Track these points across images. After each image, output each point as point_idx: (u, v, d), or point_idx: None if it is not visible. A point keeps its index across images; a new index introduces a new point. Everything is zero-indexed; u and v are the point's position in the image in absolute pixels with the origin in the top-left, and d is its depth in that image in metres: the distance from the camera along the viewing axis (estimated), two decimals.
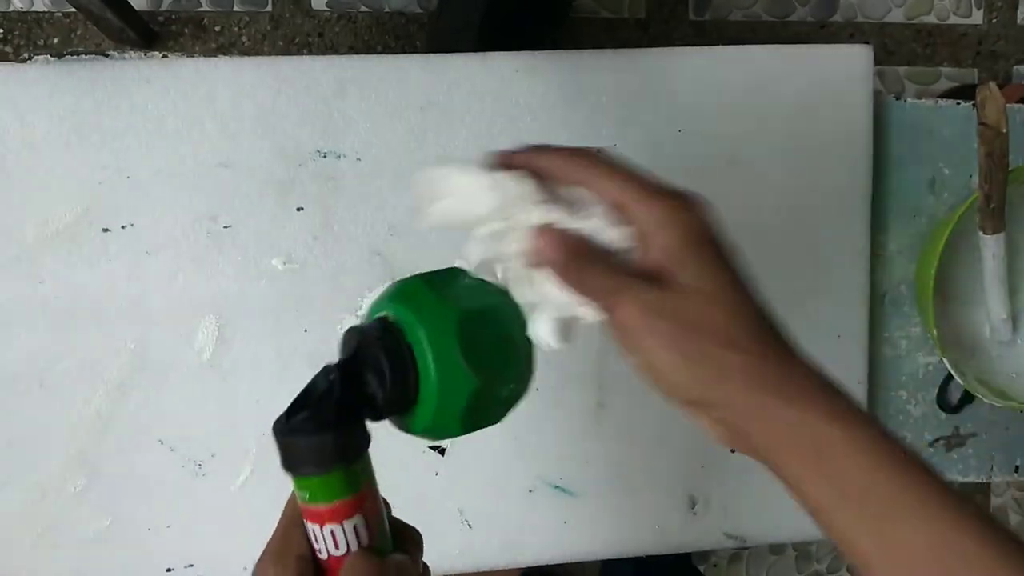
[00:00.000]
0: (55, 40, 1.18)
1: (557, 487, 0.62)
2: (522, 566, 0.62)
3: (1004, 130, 0.54)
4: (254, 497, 0.59)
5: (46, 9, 1.17)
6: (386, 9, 1.22)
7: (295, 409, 0.34)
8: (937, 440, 0.69)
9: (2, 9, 1.17)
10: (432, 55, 0.59)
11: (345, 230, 0.59)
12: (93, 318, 0.57)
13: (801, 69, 0.62)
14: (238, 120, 0.58)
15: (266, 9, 1.21)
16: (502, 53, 0.60)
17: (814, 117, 0.63)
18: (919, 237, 0.67)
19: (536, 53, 0.60)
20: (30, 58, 0.59)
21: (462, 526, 0.62)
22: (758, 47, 0.62)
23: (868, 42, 0.66)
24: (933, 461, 0.68)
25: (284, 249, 0.59)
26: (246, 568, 0.60)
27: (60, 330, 0.57)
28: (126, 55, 0.60)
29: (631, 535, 0.64)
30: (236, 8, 1.21)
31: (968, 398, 0.68)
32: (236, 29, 1.21)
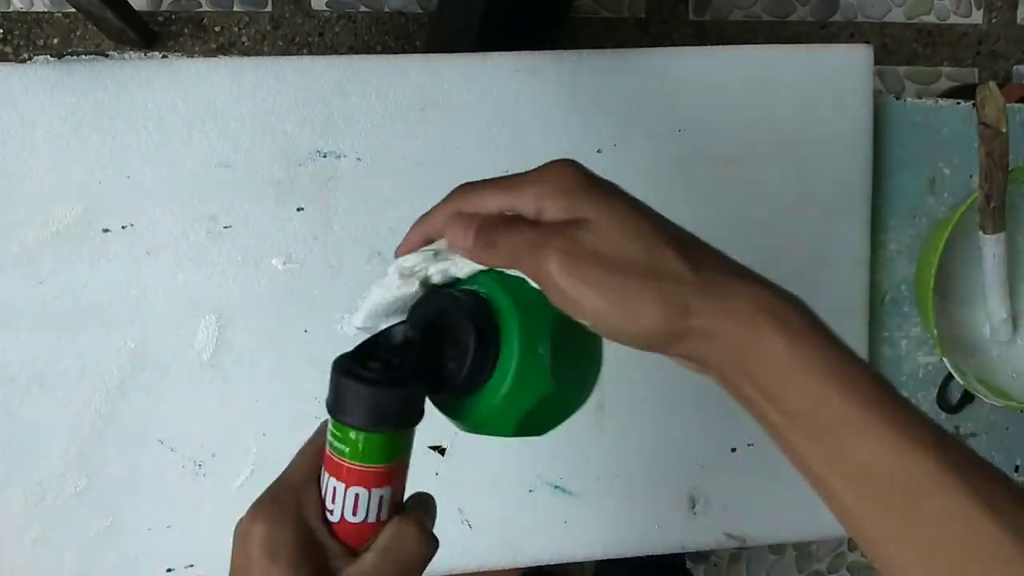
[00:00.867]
0: (55, 40, 1.18)
1: (557, 487, 0.62)
2: (522, 566, 0.62)
3: (1004, 130, 0.54)
4: (254, 497, 0.59)
5: (46, 9, 1.17)
6: (386, 9, 1.23)
7: (364, 353, 0.32)
8: None
9: (2, 9, 1.17)
10: (432, 55, 0.59)
11: (345, 230, 0.59)
12: (93, 318, 0.57)
13: (801, 69, 0.62)
14: (238, 120, 0.58)
15: (266, 9, 1.21)
16: (502, 53, 0.60)
17: (814, 117, 0.63)
18: (919, 237, 0.67)
19: (536, 53, 0.60)
20: (30, 58, 0.59)
21: (462, 526, 0.62)
22: (758, 47, 0.62)
23: (868, 42, 0.66)
24: None
25: (284, 249, 0.59)
26: None
27: (60, 330, 0.57)
28: (126, 55, 0.60)
29: (631, 535, 0.64)
30: (236, 8, 1.21)
31: (968, 398, 0.68)
32: (236, 29, 1.21)
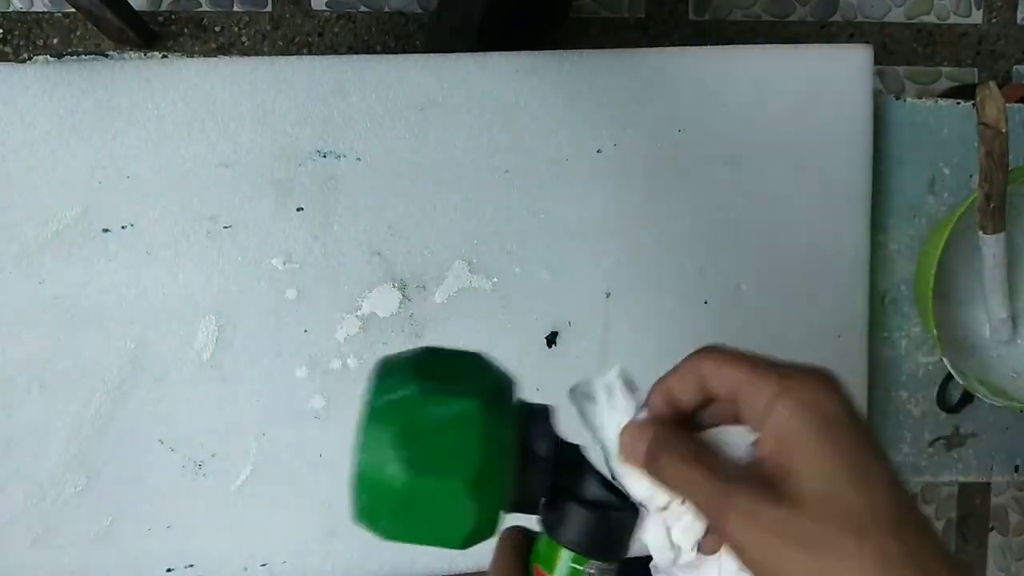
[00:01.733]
0: (55, 40, 1.18)
1: None
2: None
3: (1004, 130, 0.54)
4: (254, 497, 0.59)
5: (46, 9, 1.17)
6: (386, 9, 1.22)
7: (604, 482, 0.34)
8: (937, 440, 0.69)
9: (2, 9, 1.17)
10: (432, 55, 0.59)
11: (345, 230, 0.59)
12: (93, 318, 0.57)
13: (801, 69, 0.62)
14: (238, 120, 0.58)
15: (266, 9, 1.21)
16: (502, 53, 0.60)
17: (814, 117, 0.63)
18: (919, 237, 0.67)
19: (536, 53, 0.60)
20: (30, 58, 0.59)
21: None
22: (758, 47, 0.62)
23: (868, 42, 0.66)
24: (933, 461, 0.68)
25: (284, 249, 0.59)
26: (246, 568, 0.60)
27: (60, 330, 0.57)
28: (126, 55, 0.60)
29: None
30: (236, 8, 1.21)
31: (968, 398, 0.68)
32: (236, 29, 1.21)
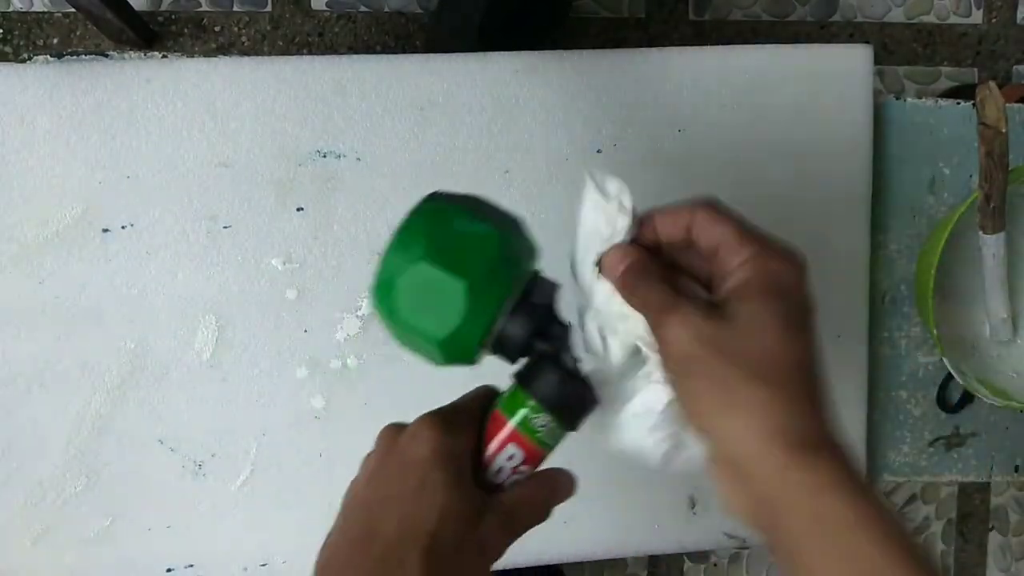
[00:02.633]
0: (55, 40, 1.18)
1: None
2: (522, 566, 0.62)
3: (1004, 130, 0.54)
4: (254, 497, 0.59)
5: (46, 9, 1.17)
6: (386, 9, 1.22)
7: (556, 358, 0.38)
8: (937, 440, 0.69)
9: (2, 9, 1.17)
10: (432, 55, 0.59)
11: (345, 230, 0.59)
12: (93, 318, 0.57)
13: (801, 69, 0.62)
14: (238, 120, 0.58)
15: (266, 9, 1.21)
16: (502, 53, 0.60)
17: (814, 117, 0.63)
18: (919, 237, 0.67)
19: (536, 53, 0.60)
20: (30, 58, 0.59)
21: None
22: (758, 47, 0.62)
23: (868, 42, 0.66)
24: (933, 461, 0.68)
25: (284, 249, 0.59)
26: (246, 568, 0.60)
27: (60, 330, 0.57)
28: (126, 55, 0.60)
29: (631, 535, 0.64)
30: (236, 8, 1.21)
31: (968, 398, 0.68)
32: (236, 29, 1.21)
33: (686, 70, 0.61)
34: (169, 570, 0.59)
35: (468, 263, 0.35)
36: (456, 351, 0.37)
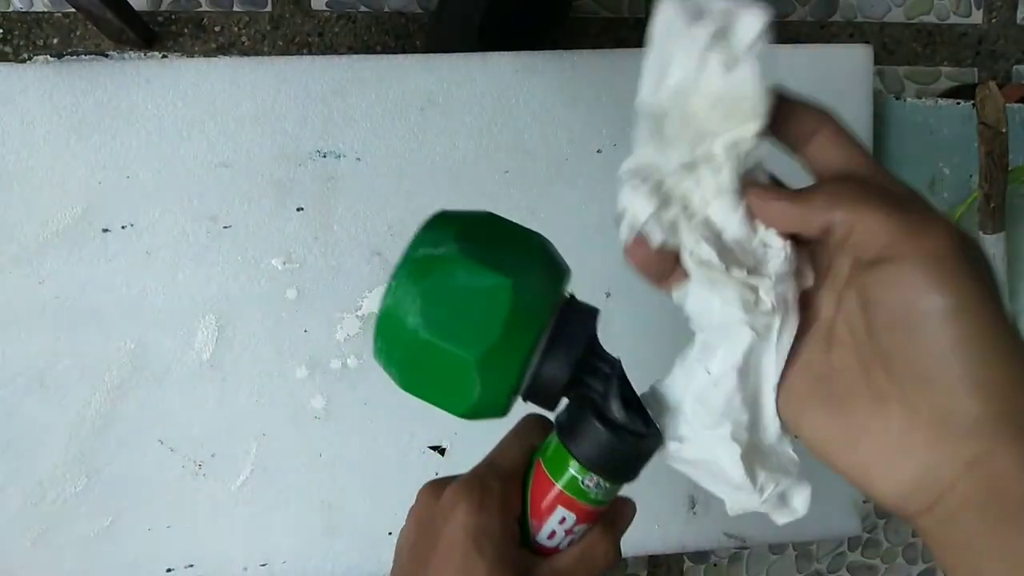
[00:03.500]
0: (55, 40, 1.18)
1: None
2: None
3: (1004, 130, 0.54)
4: (254, 497, 0.59)
5: (46, 9, 1.17)
6: (386, 9, 1.22)
7: (631, 404, 0.32)
8: None
9: (2, 9, 1.17)
10: (432, 55, 0.59)
11: (345, 230, 0.59)
12: (93, 318, 0.57)
13: (801, 69, 0.62)
14: (238, 120, 0.58)
15: (266, 9, 1.21)
16: (502, 53, 0.60)
17: None
18: None
19: (536, 53, 0.60)
20: (30, 58, 0.59)
21: None
22: None
23: (868, 42, 0.66)
24: None
25: (284, 249, 0.59)
26: (246, 568, 0.60)
27: (60, 330, 0.57)
28: (126, 55, 0.60)
29: (631, 535, 0.63)
30: (236, 8, 1.21)
31: None
32: (236, 29, 1.21)
33: None
34: (169, 570, 0.59)
35: (473, 326, 0.29)
36: (482, 416, 0.32)
